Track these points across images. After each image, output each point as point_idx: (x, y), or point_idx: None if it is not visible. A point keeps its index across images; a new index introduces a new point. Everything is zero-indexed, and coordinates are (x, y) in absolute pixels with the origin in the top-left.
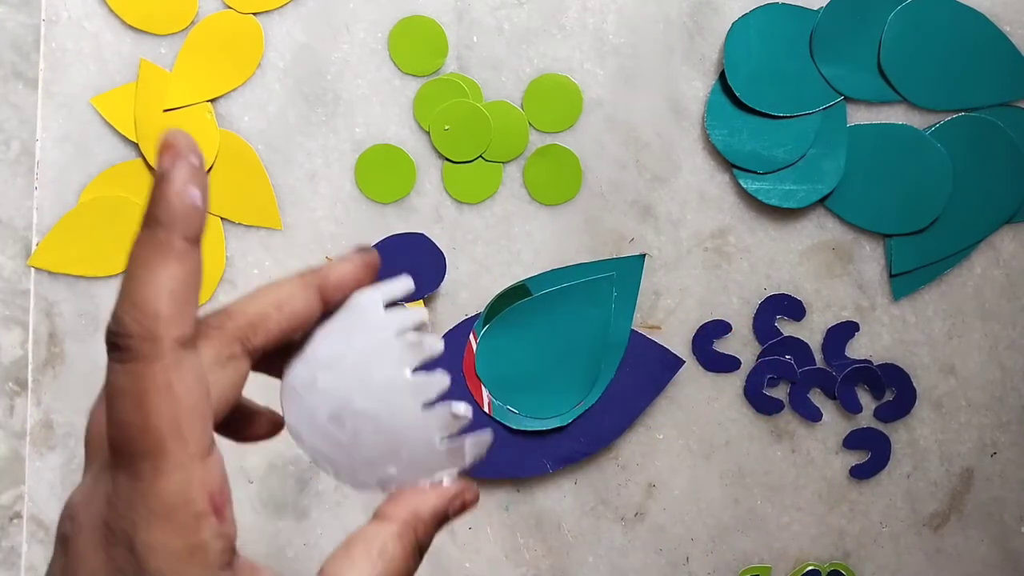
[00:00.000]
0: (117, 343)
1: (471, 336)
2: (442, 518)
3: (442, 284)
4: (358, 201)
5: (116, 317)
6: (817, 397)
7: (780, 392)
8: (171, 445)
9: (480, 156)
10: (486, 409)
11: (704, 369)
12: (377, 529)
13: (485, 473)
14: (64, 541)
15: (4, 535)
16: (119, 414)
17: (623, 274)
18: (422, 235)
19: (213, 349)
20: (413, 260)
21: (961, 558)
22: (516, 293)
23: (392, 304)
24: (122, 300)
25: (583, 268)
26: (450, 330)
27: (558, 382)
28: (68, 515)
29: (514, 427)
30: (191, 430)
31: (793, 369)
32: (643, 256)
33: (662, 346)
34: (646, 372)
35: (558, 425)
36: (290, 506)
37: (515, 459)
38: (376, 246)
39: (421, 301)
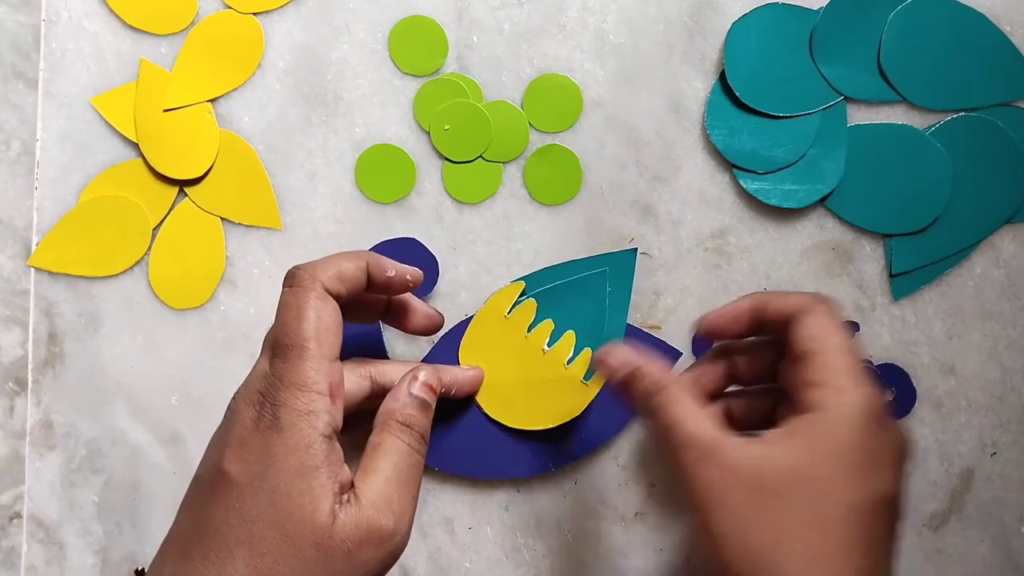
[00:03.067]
0: (292, 279)
1: None
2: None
3: (443, 284)
4: (358, 201)
5: (294, 269)
6: None
7: None
8: (311, 344)
9: (480, 156)
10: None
11: None
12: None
13: (485, 473)
14: (229, 410)
15: (4, 535)
16: (284, 318)
17: (616, 268)
18: (414, 240)
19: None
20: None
21: (961, 558)
22: None
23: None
24: (303, 264)
25: (576, 264)
26: (450, 330)
27: None
28: (234, 396)
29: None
30: (325, 339)
31: None
32: (635, 250)
33: (659, 338)
34: None
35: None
36: None
37: (515, 459)
38: (370, 251)
39: None
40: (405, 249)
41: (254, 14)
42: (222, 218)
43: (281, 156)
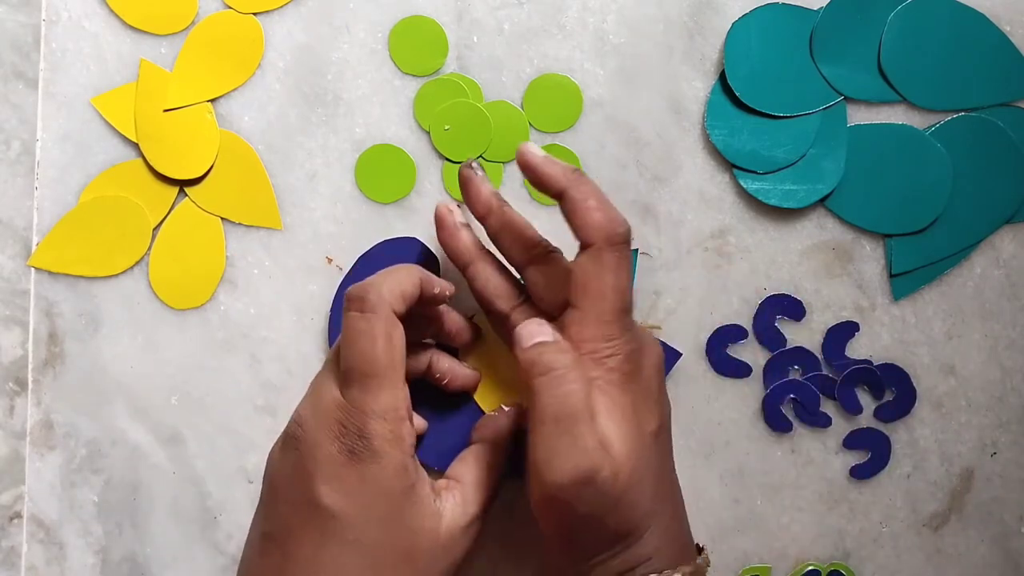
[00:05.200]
0: (361, 302)
1: None
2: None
3: None
4: (358, 201)
5: (359, 291)
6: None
7: (790, 407)
8: (389, 371)
9: (480, 156)
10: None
11: (715, 372)
12: (478, 447)
13: None
14: (296, 440)
15: (4, 535)
16: (361, 347)
17: None
18: (414, 239)
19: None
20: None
21: (961, 558)
22: None
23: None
24: (365, 284)
25: None
26: None
27: None
28: (297, 423)
29: None
30: (400, 364)
31: (811, 390)
32: (635, 250)
33: (658, 339)
34: None
35: None
36: None
37: (515, 459)
38: (369, 252)
39: None
40: (405, 249)
41: (254, 14)
42: (222, 218)
43: (281, 156)
